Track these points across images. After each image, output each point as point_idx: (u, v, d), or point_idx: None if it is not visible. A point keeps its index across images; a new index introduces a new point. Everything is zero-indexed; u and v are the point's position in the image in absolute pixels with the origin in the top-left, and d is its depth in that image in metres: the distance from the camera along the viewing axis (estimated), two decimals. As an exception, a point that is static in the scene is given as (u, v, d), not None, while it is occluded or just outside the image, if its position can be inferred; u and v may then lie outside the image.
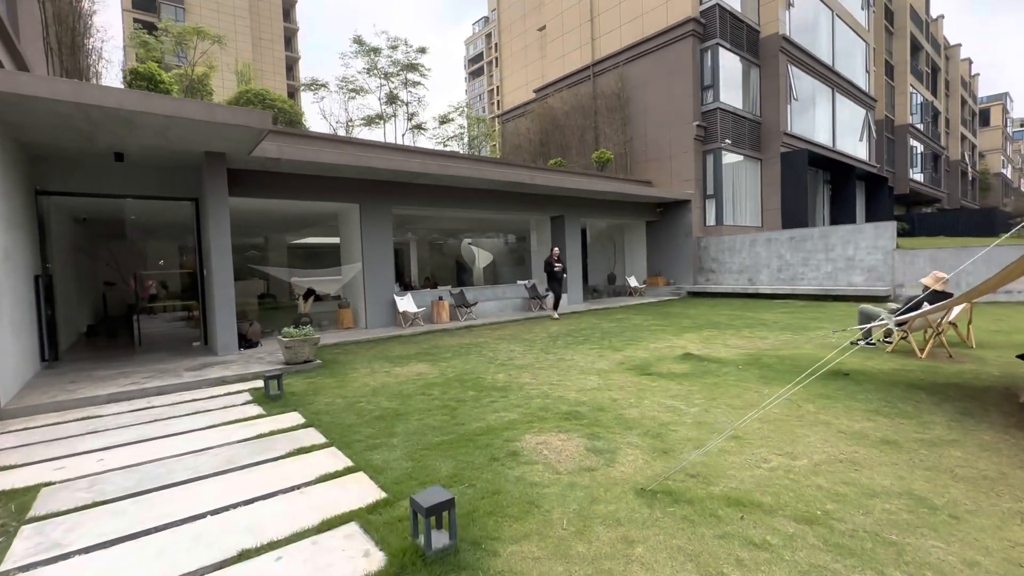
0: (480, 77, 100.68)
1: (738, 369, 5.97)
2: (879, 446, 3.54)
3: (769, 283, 14.94)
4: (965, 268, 11.40)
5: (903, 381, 5.14)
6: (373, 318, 10.87)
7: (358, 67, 39.98)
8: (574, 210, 14.75)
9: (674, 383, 5.42)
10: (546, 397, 5.04)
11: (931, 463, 3.24)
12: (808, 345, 7.34)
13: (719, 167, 16.76)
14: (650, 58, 17.70)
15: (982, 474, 3.07)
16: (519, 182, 11.86)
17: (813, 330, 8.69)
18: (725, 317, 10.92)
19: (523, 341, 8.80)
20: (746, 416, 4.15)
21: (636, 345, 7.92)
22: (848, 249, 13.33)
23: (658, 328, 9.67)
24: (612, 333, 9.28)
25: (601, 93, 19.30)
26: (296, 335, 6.79)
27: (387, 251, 11.08)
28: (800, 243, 14.33)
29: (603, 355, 7.21)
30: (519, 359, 7.16)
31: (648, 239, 17.89)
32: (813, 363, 6.02)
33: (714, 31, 16.54)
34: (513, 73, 25.23)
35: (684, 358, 6.72)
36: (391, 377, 6.27)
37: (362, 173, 10.05)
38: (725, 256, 16.10)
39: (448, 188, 11.83)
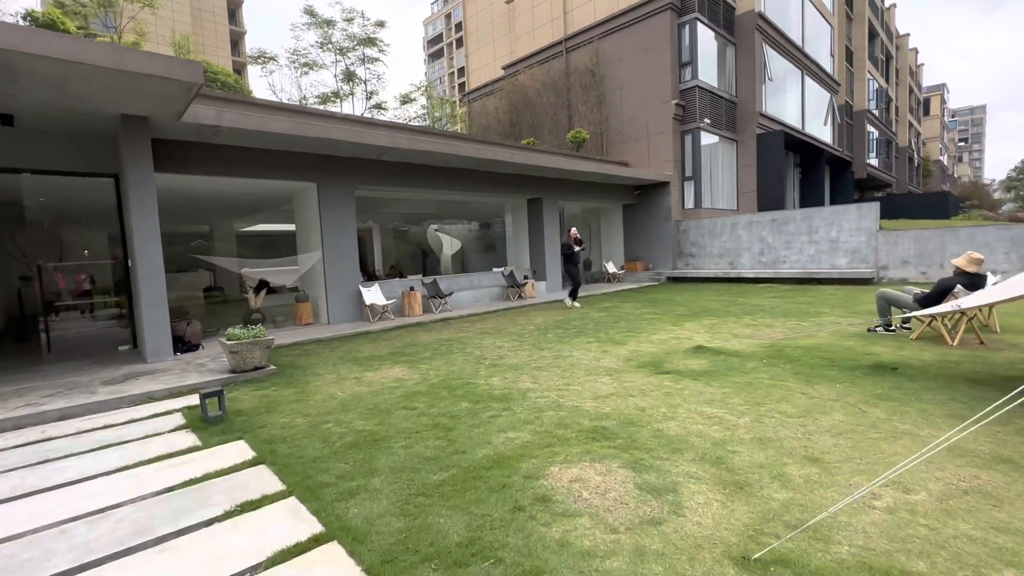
0: (440, 59, 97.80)
1: (764, 364, 5.27)
2: (995, 466, 2.84)
3: (751, 267, 14.58)
4: (950, 249, 11.26)
5: (959, 375, 4.54)
6: (336, 312, 9.66)
7: (311, 40, 37.30)
8: (552, 192, 13.85)
9: (701, 384, 4.64)
10: (558, 408, 4.15)
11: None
12: (822, 333, 6.76)
13: (698, 148, 16.22)
14: (625, 33, 16.88)
15: None
16: (496, 160, 10.82)
17: (815, 316, 8.18)
18: (717, 303, 10.35)
19: (509, 335, 7.88)
20: (808, 427, 3.39)
21: (637, 337, 7.15)
22: (832, 231, 13.06)
23: (652, 317, 8.96)
24: (605, 324, 8.48)
25: (574, 70, 18.37)
26: (244, 336, 5.61)
27: (350, 236, 9.86)
28: (782, 226, 13.98)
29: (605, 350, 6.39)
30: (511, 357, 6.23)
31: (625, 223, 17.25)
32: (843, 355, 5.40)
33: (692, 4, 15.86)
34: (479, 49, 23.90)
35: (697, 352, 5.99)
36: (363, 385, 5.22)
37: (320, 147, 8.77)
38: (705, 240, 15.64)
39: (417, 167, 10.66)
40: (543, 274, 13.82)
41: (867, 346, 5.78)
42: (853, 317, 7.89)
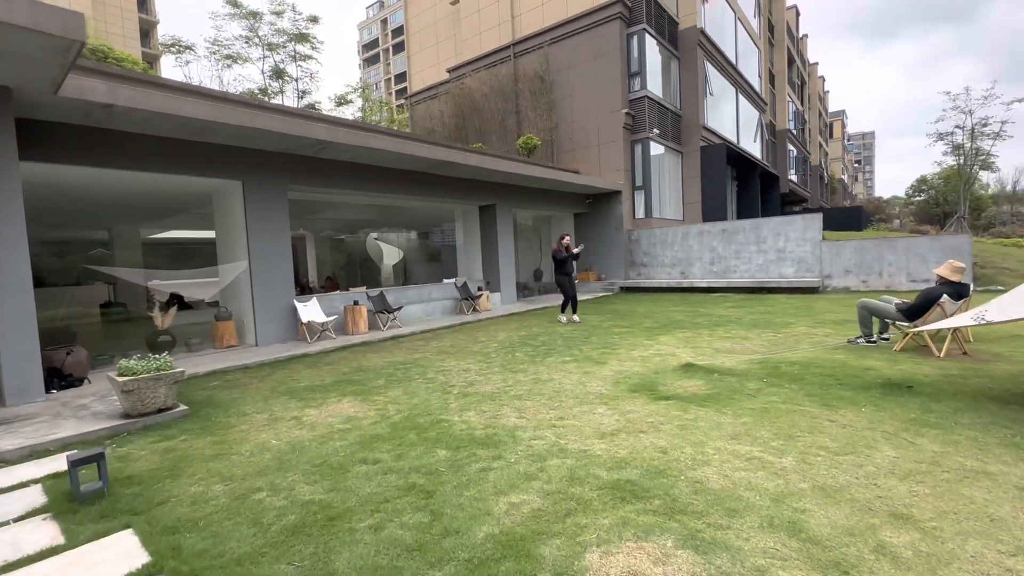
0: (376, 64, 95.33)
1: (766, 384, 4.79)
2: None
3: (703, 276, 14.64)
4: (887, 259, 11.73)
5: (977, 392, 4.25)
6: (266, 332, 8.32)
7: (235, 32, 34.54)
8: (506, 199, 13.16)
9: (713, 412, 4.04)
10: (562, 452, 3.36)
11: None
12: (804, 346, 6.49)
13: (647, 158, 16.23)
14: (575, 40, 16.67)
15: None
16: (451, 162, 9.95)
17: (784, 327, 8.00)
18: (681, 314, 10.05)
19: (474, 355, 7.00)
20: (865, 467, 2.85)
21: (615, 354, 6.54)
22: (779, 241, 13.34)
23: (623, 330, 8.43)
24: (575, 339, 7.83)
25: (523, 75, 17.92)
26: (142, 370, 4.34)
27: (283, 244, 8.58)
28: (732, 236, 14.16)
29: (587, 371, 5.69)
30: (483, 384, 5.37)
31: (577, 232, 16.90)
32: (843, 372, 5.04)
33: (640, 16, 15.93)
34: (423, 51, 22.94)
35: (689, 370, 5.44)
36: (305, 428, 4.15)
37: (246, 139, 7.50)
38: (657, 249, 15.59)
39: (361, 167, 9.56)
40: (497, 285, 13.05)
41: (860, 360, 5.49)
42: (822, 327, 7.76)
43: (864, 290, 12.19)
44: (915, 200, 37.86)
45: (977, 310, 4.26)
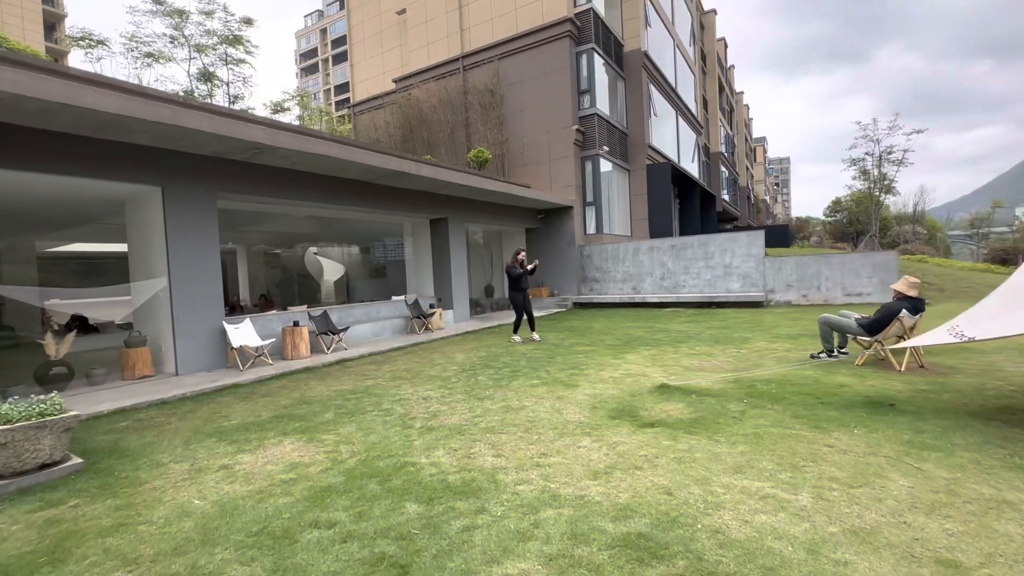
0: (315, 74, 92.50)
1: (747, 405, 4.59)
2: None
3: (653, 292, 14.80)
4: (824, 274, 12.30)
5: (955, 408, 4.24)
6: (189, 359, 7.28)
7: (157, 30, 32.01)
8: (459, 212, 12.68)
9: (705, 440, 3.75)
10: (555, 501, 2.90)
11: None
12: (769, 362, 6.45)
13: (598, 174, 16.37)
14: (526, 55, 16.65)
15: None
16: (402, 173, 9.36)
17: (743, 342, 8.03)
18: (639, 330, 9.95)
19: (431, 380, 6.40)
20: (887, 501, 2.62)
21: (584, 375, 6.19)
22: (726, 257, 13.74)
23: (586, 349, 8.14)
24: (539, 359, 7.43)
25: (473, 88, 17.65)
26: (18, 416, 3.44)
27: (211, 258, 7.61)
28: (681, 251, 14.45)
29: (558, 395, 5.29)
30: (447, 414, 4.82)
31: (529, 247, 16.66)
32: (819, 390, 4.96)
33: (588, 36, 16.18)
34: (367, 60, 22.14)
35: (665, 392, 5.17)
36: (238, 481, 3.43)
37: (167, 138, 6.58)
38: (609, 265, 15.64)
39: (303, 175, 8.76)
40: (449, 302, 12.46)
41: (830, 376, 5.47)
42: (779, 342, 7.85)
43: (804, 304, 12.75)
44: (831, 220, 41.28)
45: (949, 325, 4.29)
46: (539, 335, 9.38)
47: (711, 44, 37.36)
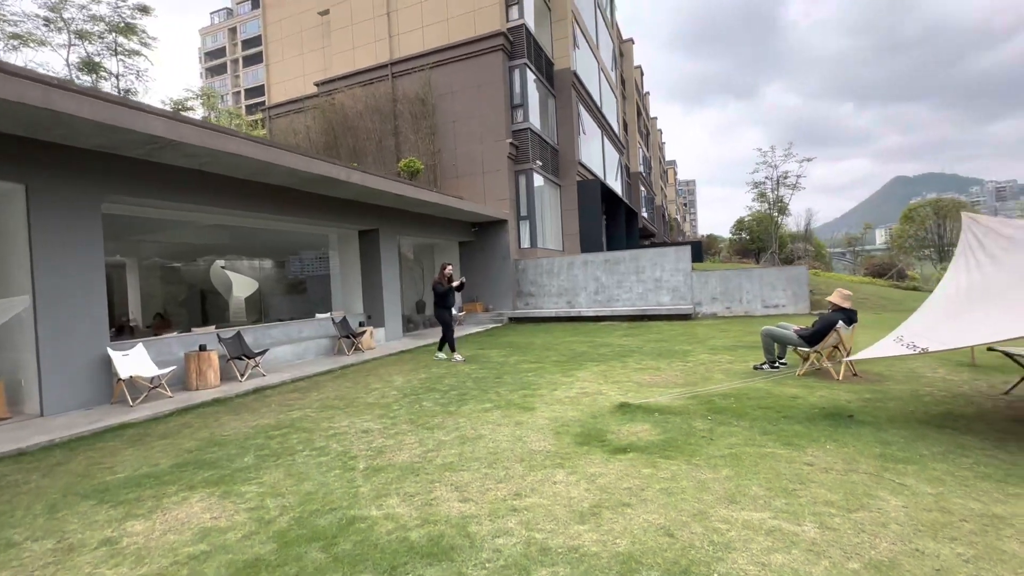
0: (223, 75, 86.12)
1: (712, 422, 4.47)
2: None
3: (588, 305, 14.91)
4: (745, 287, 13.02)
5: (906, 417, 4.37)
6: (59, 395, 5.95)
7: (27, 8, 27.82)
8: (391, 224, 11.95)
9: (685, 464, 3.51)
10: (546, 555, 2.46)
11: None
12: (717, 375, 6.49)
13: (531, 188, 16.35)
14: (458, 66, 16.35)
15: None
16: (330, 179, 8.55)
17: (685, 355, 8.12)
18: (582, 345, 9.81)
19: (370, 408, 5.71)
20: (891, 527, 2.49)
21: (538, 396, 5.83)
22: (656, 271, 14.17)
23: (532, 366, 7.80)
24: (486, 380, 6.96)
25: (404, 96, 17.01)
26: None
27: (92, 272, 6.34)
28: (614, 265, 14.71)
29: (516, 419, 4.86)
30: (394, 449, 4.21)
31: (463, 261, 16.20)
32: (777, 403, 4.97)
33: (521, 51, 16.25)
34: (285, 60, 20.65)
35: (627, 412, 4.93)
36: (126, 562, 2.62)
37: (34, 126, 5.39)
38: (544, 279, 15.57)
39: (211, 178, 7.69)
40: (381, 319, 11.63)
41: (780, 388, 5.54)
42: (719, 354, 8.02)
43: (729, 316, 13.42)
44: (736, 238, 45.08)
45: (895, 336, 4.45)
46: (476, 352, 8.92)
47: (629, 71, 39.57)
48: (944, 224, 33.09)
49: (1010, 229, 4.78)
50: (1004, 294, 4.02)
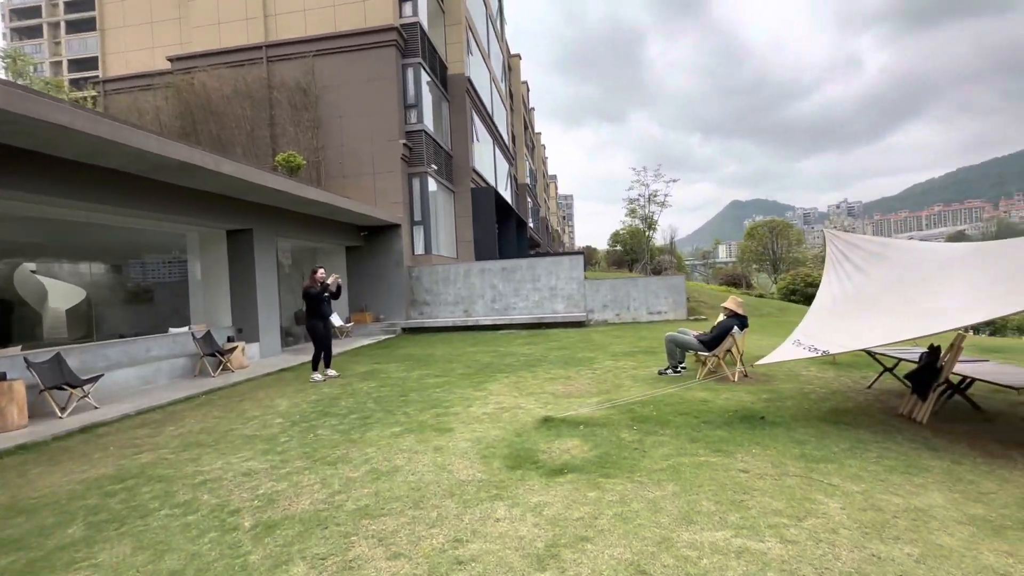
0: (37, 39, 71.29)
1: (639, 432, 4.40)
2: (1011, 529, 2.51)
3: (485, 314, 14.65)
4: (633, 295, 13.81)
5: (807, 416, 4.71)
6: None
7: None
8: (267, 224, 10.49)
9: (628, 483, 3.33)
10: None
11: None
12: (626, 381, 6.58)
13: (426, 193, 15.70)
14: (347, 58, 15.15)
15: None
16: (194, 166, 7.13)
17: (590, 362, 8.20)
18: (486, 355, 9.47)
19: (248, 442, 4.71)
20: (840, 533, 2.52)
21: (452, 414, 5.33)
22: (551, 279, 14.41)
23: (439, 381, 7.24)
24: (389, 399, 6.25)
25: (282, 84, 15.26)
26: None
27: None
28: (511, 273, 14.66)
29: (434, 444, 4.33)
30: (289, 495, 3.42)
31: (350, 268, 14.94)
32: (693, 408, 5.10)
33: (415, 49, 15.59)
34: (127, 28, 17.33)
35: (552, 427, 4.68)
36: None
37: None
38: (440, 287, 14.98)
39: (23, 156, 5.91)
40: (255, 333, 10.10)
41: (689, 393, 5.73)
42: (621, 360, 8.23)
43: (618, 322, 14.11)
44: (612, 249, 48.71)
45: (793, 340, 4.79)
46: (372, 367, 8.11)
47: (517, 85, 40.71)
48: (776, 241, 39.18)
49: (871, 245, 5.49)
50: (878, 300, 4.54)
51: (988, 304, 3.20)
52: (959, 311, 3.45)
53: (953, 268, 4.12)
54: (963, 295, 3.63)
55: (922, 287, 4.17)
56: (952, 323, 3.41)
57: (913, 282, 4.35)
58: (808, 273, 20.97)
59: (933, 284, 4.08)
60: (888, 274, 4.78)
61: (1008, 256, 3.81)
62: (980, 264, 3.92)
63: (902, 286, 4.42)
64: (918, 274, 4.41)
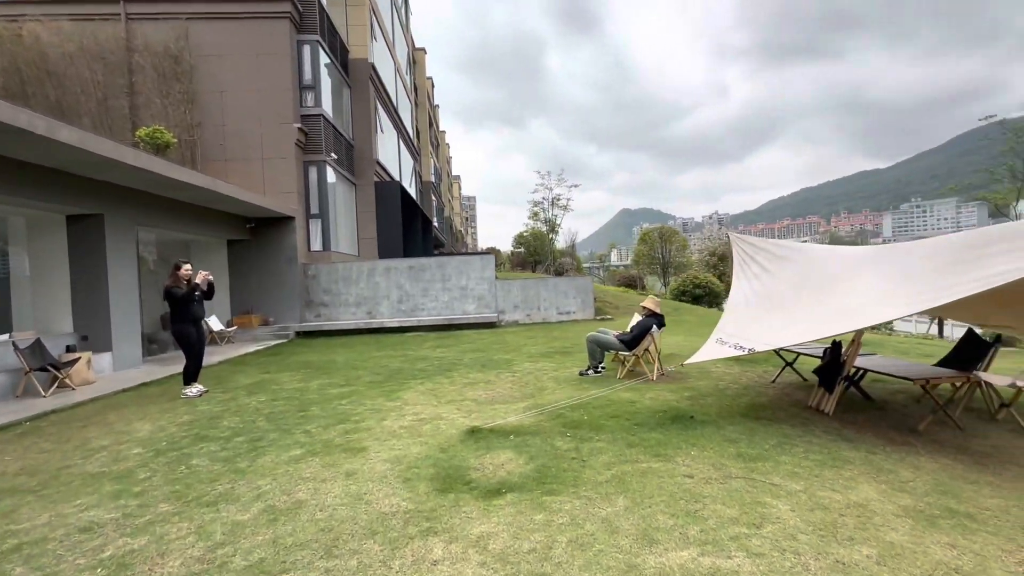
0: None
1: (573, 440, 4.16)
2: (960, 523, 2.62)
3: (391, 315, 13.76)
4: (543, 295, 13.87)
5: (731, 412, 4.78)
6: None
7: None
8: (125, 209, 8.74)
9: (576, 501, 3.03)
10: None
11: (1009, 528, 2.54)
12: (548, 384, 6.37)
13: (324, 183, 14.37)
14: (231, 26, 13.32)
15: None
16: (16, 129, 5.56)
17: (509, 365, 7.91)
18: (395, 360, 8.75)
19: (91, 483, 3.66)
20: (800, 541, 2.45)
21: (364, 429, 4.68)
22: (462, 279, 13.94)
23: (344, 391, 6.44)
24: (285, 415, 5.37)
25: (146, 47, 12.98)
26: None
27: None
28: (419, 273, 13.94)
29: (344, 467, 3.69)
30: (147, 555, 2.61)
31: (233, 265, 13.17)
32: (622, 409, 5.00)
33: (313, 25, 14.21)
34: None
35: (480, 438, 4.27)
36: None
37: None
38: (340, 287, 13.78)
39: None
40: (106, 341, 8.34)
41: (615, 394, 5.63)
42: (540, 361, 8.05)
43: (529, 323, 14.05)
44: (517, 251, 49.48)
45: (715, 339, 4.87)
46: (261, 378, 7.05)
47: (422, 79, 39.58)
48: (664, 246, 42.51)
49: (775, 247, 5.82)
50: (790, 299, 4.76)
51: (903, 302, 3.42)
52: (876, 308, 3.67)
53: (858, 269, 4.45)
54: (873, 294, 3.89)
55: (831, 287, 4.44)
56: (870, 320, 3.62)
57: (820, 282, 4.63)
58: (696, 275, 22.83)
59: (841, 284, 4.37)
60: (793, 275, 5.07)
61: (899, 260, 4.18)
62: (882, 266, 4.26)
63: (811, 286, 4.70)
64: (823, 274, 4.72)
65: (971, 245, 3.41)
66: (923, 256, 3.90)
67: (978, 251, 3.26)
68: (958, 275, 3.25)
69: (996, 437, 4.01)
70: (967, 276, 3.18)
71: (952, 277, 3.29)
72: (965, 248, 3.42)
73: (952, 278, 3.29)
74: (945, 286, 3.30)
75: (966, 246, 3.44)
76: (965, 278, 3.20)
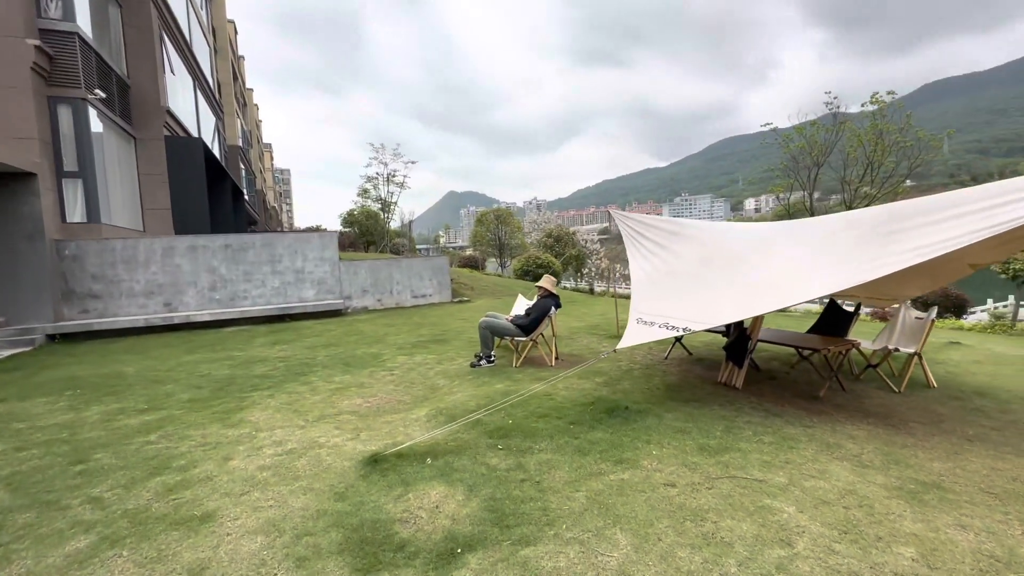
0: None
1: (508, 454, 3.39)
2: (924, 493, 2.62)
3: (202, 307, 10.88)
4: (396, 278, 12.66)
5: (662, 399, 4.50)
6: None
7: None
8: None
9: (568, 550, 2.28)
10: None
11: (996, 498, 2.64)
12: (439, 379, 5.45)
13: (85, 131, 10.53)
14: None
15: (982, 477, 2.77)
16: None
17: (381, 361, 6.67)
18: (220, 367, 6.70)
19: None
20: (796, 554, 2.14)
21: (197, 481, 3.17)
22: (297, 261, 11.73)
23: (150, 421, 4.50)
24: (43, 476, 3.41)
25: None
26: None
27: None
28: (240, 253, 11.27)
29: (184, 559, 2.28)
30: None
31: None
32: (545, 405, 4.39)
33: (55, -95, 10.07)
34: None
35: (387, 471, 3.20)
36: None
37: None
38: (120, 271, 10.33)
39: None
40: None
41: (523, 387, 4.98)
42: (415, 355, 6.98)
43: (382, 308, 12.60)
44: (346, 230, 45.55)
45: (636, 318, 4.55)
46: (16, 406, 4.62)
47: (222, 21, 32.93)
48: (501, 228, 43.66)
49: (664, 223, 5.80)
50: (700, 277, 4.68)
51: (843, 276, 3.45)
52: (807, 284, 3.68)
53: (767, 244, 4.55)
54: (795, 267, 3.94)
55: (742, 262, 4.45)
56: (812, 294, 3.62)
57: (729, 259, 4.65)
58: (537, 255, 23.66)
59: (752, 260, 4.40)
60: (697, 251, 5.04)
61: (806, 236, 4.38)
62: (792, 241, 4.40)
63: (720, 261, 4.68)
64: (730, 251, 4.75)
65: (881, 222, 3.61)
66: (828, 232, 4.11)
67: (895, 224, 3.44)
68: (881, 247, 3.38)
69: (877, 396, 4.51)
70: (891, 248, 3.30)
71: (875, 250, 3.41)
72: (879, 224, 3.60)
73: (875, 251, 3.41)
74: (869, 258, 3.40)
75: (877, 223, 3.63)
76: (888, 250, 3.31)
